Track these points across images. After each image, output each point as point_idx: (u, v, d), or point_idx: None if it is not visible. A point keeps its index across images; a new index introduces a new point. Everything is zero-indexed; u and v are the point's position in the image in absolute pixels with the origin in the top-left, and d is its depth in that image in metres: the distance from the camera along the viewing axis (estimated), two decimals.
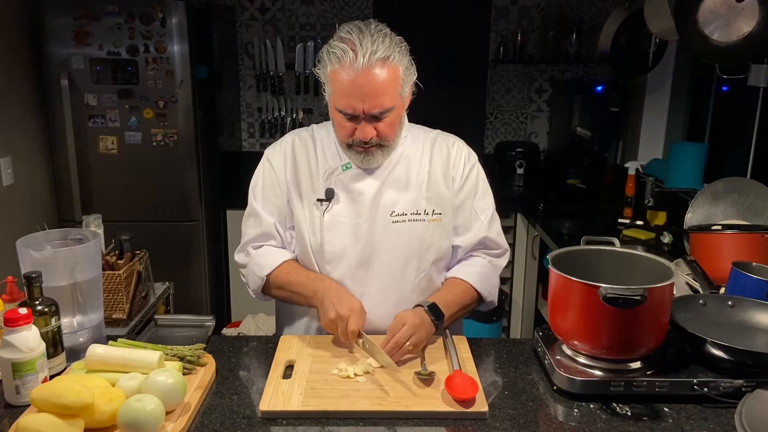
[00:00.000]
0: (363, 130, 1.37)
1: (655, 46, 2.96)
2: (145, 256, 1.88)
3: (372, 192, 1.47)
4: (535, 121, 3.95)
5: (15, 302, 1.37)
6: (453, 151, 1.55)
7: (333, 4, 3.76)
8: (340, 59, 1.33)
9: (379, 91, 1.34)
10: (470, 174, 1.54)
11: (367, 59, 1.31)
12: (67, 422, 1.04)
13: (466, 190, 1.54)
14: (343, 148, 1.46)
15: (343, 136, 1.42)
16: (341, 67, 1.33)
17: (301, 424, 1.15)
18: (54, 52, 2.89)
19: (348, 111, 1.36)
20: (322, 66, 1.39)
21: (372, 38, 1.33)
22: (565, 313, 1.27)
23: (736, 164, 2.79)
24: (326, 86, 1.41)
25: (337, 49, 1.33)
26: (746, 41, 1.96)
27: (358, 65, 1.31)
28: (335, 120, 1.43)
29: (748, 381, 1.20)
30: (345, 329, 1.34)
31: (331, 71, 1.36)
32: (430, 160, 1.52)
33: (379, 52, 1.32)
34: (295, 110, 3.90)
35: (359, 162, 1.45)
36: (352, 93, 1.33)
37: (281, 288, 1.51)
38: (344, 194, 1.48)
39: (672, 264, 1.30)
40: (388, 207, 1.47)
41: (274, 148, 1.57)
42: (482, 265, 1.55)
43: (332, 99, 1.39)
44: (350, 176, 1.48)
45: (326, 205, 1.48)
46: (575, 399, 1.23)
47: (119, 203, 3.07)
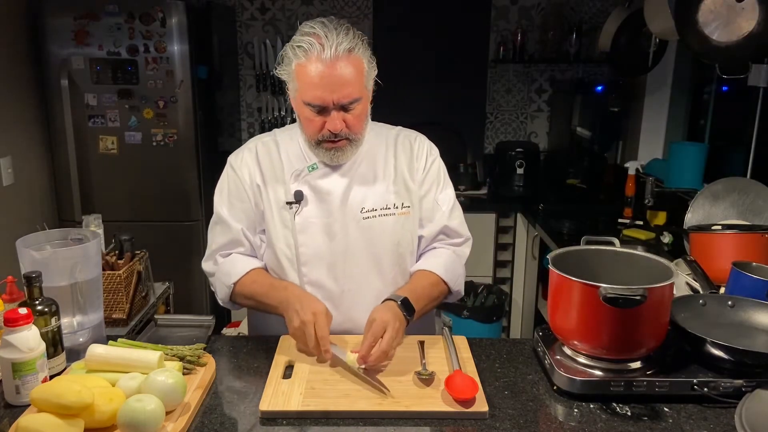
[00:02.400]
0: (333, 122, 1.38)
1: (655, 46, 2.96)
2: (145, 256, 1.88)
3: (340, 190, 1.48)
4: (535, 121, 3.95)
5: (15, 302, 1.37)
6: (416, 145, 1.57)
7: (333, 4, 3.76)
8: (307, 52, 1.34)
9: (347, 81, 1.35)
10: (432, 166, 1.57)
11: (335, 50, 1.33)
12: (67, 422, 1.04)
13: (429, 182, 1.56)
14: (311, 146, 1.46)
15: (311, 131, 1.42)
16: (308, 60, 1.34)
17: (301, 424, 1.15)
18: (54, 52, 2.89)
19: (317, 103, 1.36)
20: (285, 63, 1.40)
21: (336, 31, 1.35)
22: (565, 313, 1.27)
23: (736, 164, 2.79)
24: (291, 83, 1.41)
25: (303, 42, 1.34)
26: (746, 41, 1.96)
27: (326, 56, 1.33)
28: (303, 116, 1.42)
29: (748, 381, 1.20)
30: (312, 335, 1.31)
31: (297, 66, 1.37)
32: (395, 154, 1.54)
33: (344, 44, 1.34)
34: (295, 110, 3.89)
35: (328, 159, 1.45)
36: (321, 84, 1.34)
37: (248, 298, 1.50)
38: (313, 195, 1.48)
39: (672, 264, 1.30)
40: (357, 204, 1.48)
41: (236, 154, 1.56)
42: (447, 256, 1.56)
43: (299, 94, 1.39)
44: (317, 176, 1.49)
45: (296, 208, 1.48)
46: (575, 399, 1.23)
47: (119, 203, 3.07)
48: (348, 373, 1.30)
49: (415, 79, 3.62)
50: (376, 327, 1.31)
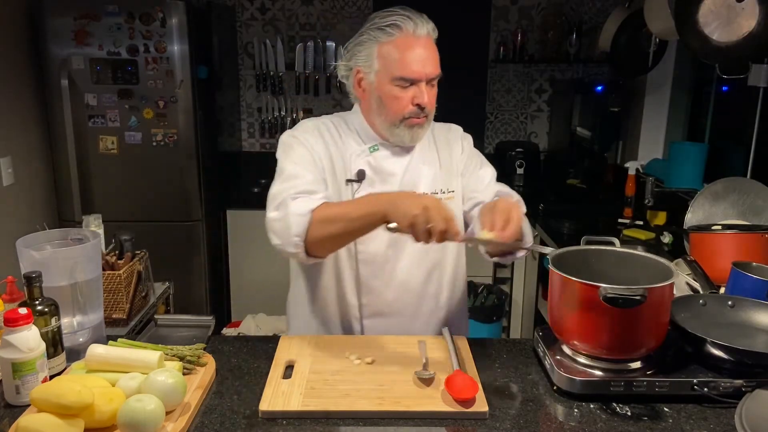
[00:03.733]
0: (423, 94, 1.43)
1: (655, 46, 2.96)
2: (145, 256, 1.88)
3: (400, 172, 1.53)
4: (535, 121, 3.95)
5: (15, 302, 1.37)
6: (451, 133, 1.65)
7: (333, 4, 3.76)
8: (401, 28, 1.41)
9: (434, 57, 1.44)
10: (467, 149, 1.64)
11: (425, 28, 1.43)
12: (67, 422, 1.04)
13: (471, 163, 1.62)
14: (391, 126, 1.48)
15: (397, 109, 1.45)
16: (403, 34, 1.41)
17: (301, 424, 1.15)
18: (54, 52, 2.89)
19: (412, 77, 1.41)
20: (360, 50, 1.45)
21: (417, 13, 1.43)
22: (565, 313, 1.27)
23: (736, 164, 2.79)
24: (368, 68, 1.45)
25: (396, 21, 1.41)
26: (746, 41, 1.96)
27: (419, 32, 1.42)
28: (389, 94, 1.45)
29: (748, 381, 1.20)
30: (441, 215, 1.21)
31: (384, 45, 1.42)
32: (436, 143, 1.60)
33: (430, 25, 1.44)
34: (295, 110, 3.90)
35: (408, 139, 1.49)
36: (416, 58, 1.41)
37: (331, 221, 1.34)
38: (374, 175, 1.52)
39: (672, 264, 1.30)
40: (411, 187, 1.52)
41: (296, 129, 1.55)
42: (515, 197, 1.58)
43: (386, 73, 1.43)
44: (378, 158, 1.52)
45: (357, 186, 1.50)
46: (575, 399, 1.23)
47: (119, 203, 3.07)
48: (348, 373, 1.29)
49: None
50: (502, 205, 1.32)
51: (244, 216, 3.51)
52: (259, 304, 3.51)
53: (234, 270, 3.58)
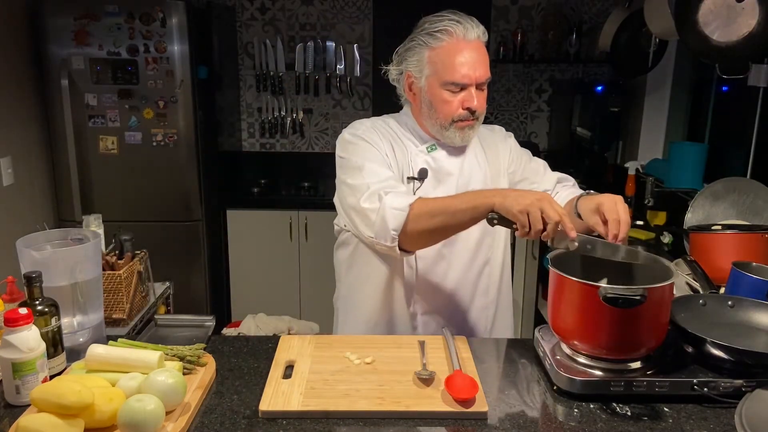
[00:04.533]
0: (473, 98, 1.45)
1: (655, 46, 2.96)
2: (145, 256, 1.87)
3: (456, 173, 1.55)
4: (535, 121, 3.95)
5: (15, 302, 1.37)
6: (495, 134, 1.68)
7: (333, 4, 3.76)
8: (451, 34, 1.43)
9: (485, 61, 1.46)
10: (515, 145, 1.70)
11: (475, 32, 1.45)
12: (67, 422, 1.04)
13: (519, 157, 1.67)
14: (442, 129, 1.50)
15: (447, 112, 1.47)
16: (452, 39, 1.43)
17: (301, 424, 1.15)
18: (54, 52, 2.89)
19: (463, 81, 1.43)
20: (410, 56, 1.48)
21: (467, 18, 1.45)
22: (565, 313, 1.27)
23: (736, 164, 2.79)
24: (418, 73, 1.47)
25: (447, 27, 1.43)
26: (746, 41, 1.96)
27: (469, 36, 1.44)
28: (439, 99, 1.47)
29: (748, 381, 1.20)
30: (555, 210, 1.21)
31: (434, 50, 1.44)
32: (482, 144, 1.62)
33: (480, 28, 1.46)
34: (295, 110, 3.90)
35: (459, 140, 1.51)
36: (467, 63, 1.43)
37: (430, 215, 1.34)
38: (433, 174, 1.54)
39: (672, 264, 1.30)
40: (464, 187, 1.54)
41: (356, 127, 1.54)
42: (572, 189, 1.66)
43: (436, 78, 1.45)
44: (437, 158, 1.55)
45: (418, 184, 1.52)
46: (575, 399, 1.23)
47: (119, 203, 3.07)
48: (348, 373, 1.29)
49: None
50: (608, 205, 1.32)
51: (244, 216, 3.52)
52: (259, 304, 3.51)
53: (234, 270, 3.58)
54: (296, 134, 3.93)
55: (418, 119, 1.57)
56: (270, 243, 3.52)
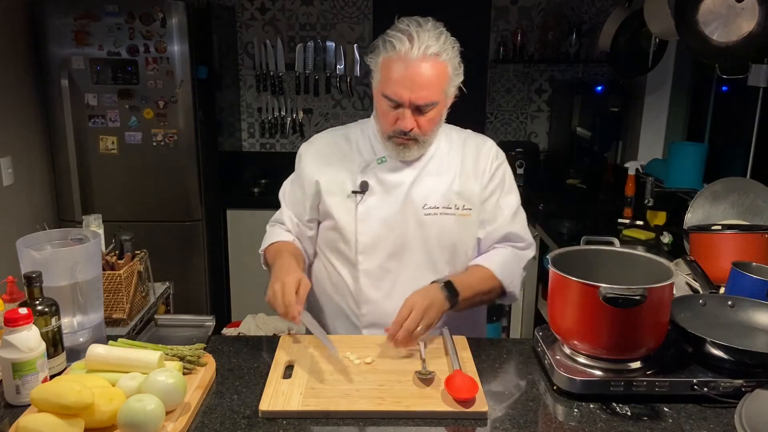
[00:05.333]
0: (405, 120, 1.42)
1: (655, 46, 2.96)
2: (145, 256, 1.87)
3: (406, 185, 1.52)
4: (535, 121, 3.95)
5: (15, 302, 1.37)
6: (483, 149, 1.59)
7: (333, 4, 3.76)
8: (395, 48, 1.38)
9: (427, 84, 1.39)
10: (497, 170, 1.59)
11: (421, 52, 1.37)
12: (67, 422, 1.04)
13: (493, 185, 1.57)
14: (383, 139, 1.49)
15: (385, 124, 1.46)
16: (396, 55, 1.38)
17: (301, 424, 1.15)
18: (54, 52, 2.89)
19: (394, 98, 1.40)
20: (374, 54, 1.45)
21: (428, 33, 1.39)
22: (565, 313, 1.27)
23: (736, 164, 2.78)
24: (375, 74, 1.46)
25: (394, 38, 1.39)
26: (746, 41, 1.96)
27: (411, 56, 1.37)
28: (380, 108, 1.46)
29: (748, 381, 1.20)
30: (280, 303, 1.36)
31: (384, 59, 1.41)
32: (462, 156, 1.57)
33: (432, 47, 1.38)
34: (295, 110, 3.90)
35: (395, 154, 1.49)
36: (401, 81, 1.38)
37: (266, 263, 1.62)
38: (379, 186, 1.52)
39: (672, 264, 1.30)
40: (421, 200, 1.51)
41: (307, 144, 1.63)
42: (505, 255, 1.58)
43: (380, 86, 1.43)
44: (385, 169, 1.53)
45: (360, 197, 1.51)
46: (575, 399, 1.23)
47: (119, 203, 3.07)
48: (348, 373, 1.29)
49: None
50: (402, 308, 1.35)
51: (244, 216, 3.51)
52: (259, 304, 3.48)
53: (234, 270, 3.58)
54: (296, 134, 3.93)
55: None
56: None
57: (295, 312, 1.34)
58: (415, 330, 1.33)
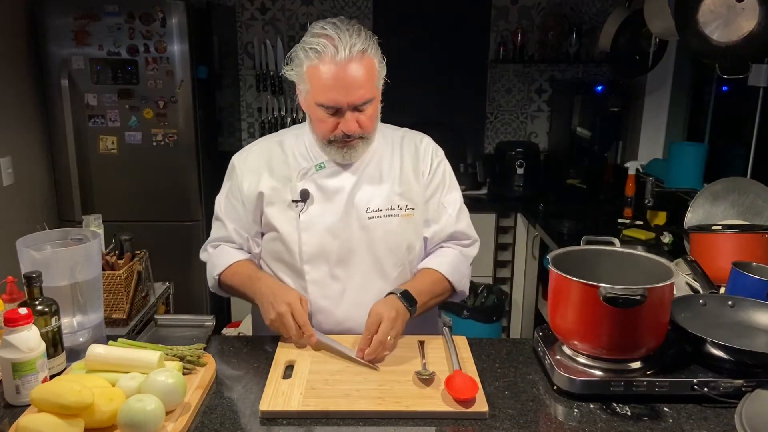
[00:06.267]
0: (347, 123, 1.39)
1: (655, 46, 2.96)
2: (145, 256, 1.88)
3: (347, 190, 1.49)
4: (535, 121, 3.95)
5: (15, 302, 1.37)
6: (421, 147, 1.58)
7: (333, 4, 3.76)
8: (320, 54, 1.34)
9: (361, 83, 1.36)
10: (438, 168, 1.57)
11: (348, 52, 1.34)
12: (67, 422, 1.04)
13: (435, 184, 1.56)
14: (322, 145, 1.46)
15: (324, 132, 1.42)
16: (321, 61, 1.34)
17: (301, 424, 1.15)
18: (54, 52, 2.89)
19: (331, 104, 1.37)
20: (296, 64, 1.40)
21: (348, 32, 1.36)
22: (565, 313, 1.27)
23: (736, 164, 2.79)
24: (302, 84, 1.41)
25: (316, 44, 1.35)
26: (746, 41, 1.96)
27: (339, 58, 1.33)
28: (315, 117, 1.42)
29: (748, 381, 1.20)
30: (292, 325, 1.35)
31: (309, 68, 1.37)
32: (401, 156, 1.55)
33: (357, 45, 1.35)
34: (295, 110, 3.89)
35: (340, 158, 1.46)
36: (335, 86, 1.35)
37: (231, 289, 1.56)
38: (319, 194, 1.49)
39: (672, 264, 1.30)
40: (363, 204, 1.49)
41: (241, 155, 1.59)
42: (453, 256, 1.57)
43: (311, 95, 1.39)
44: (324, 175, 1.49)
45: (301, 206, 1.48)
46: (575, 399, 1.23)
47: (119, 203, 3.06)
48: (348, 373, 1.29)
49: (415, 79, 3.61)
50: (370, 321, 1.35)
51: None
52: None
53: None
54: None
55: None
56: None
57: (311, 331, 1.36)
58: (387, 341, 1.33)
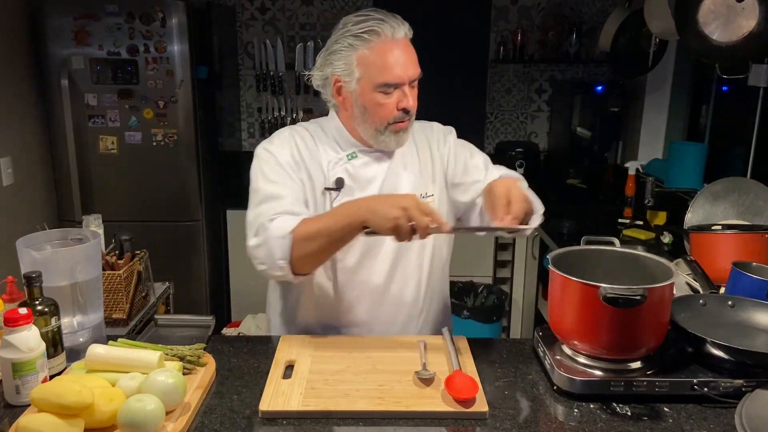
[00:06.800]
0: (408, 98, 1.42)
1: (655, 46, 2.96)
2: (145, 256, 1.88)
3: (379, 179, 1.51)
4: (535, 121, 3.95)
5: (15, 302, 1.37)
6: (432, 131, 1.62)
7: (333, 4, 3.76)
8: (379, 34, 1.38)
9: (414, 58, 1.43)
10: (455, 143, 1.62)
11: (402, 30, 1.41)
12: (67, 422, 1.04)
13: (462, 154, 1.60)
14: (377, 133, 1.46)
15: (385, 114, 1.43)
16: (381, 39, 1.38)
17: (301, 424, 1.15)
18: (54, 52, 2.89)
19: (395, 81, 1.40)
20: (337, 59, 1.42)
21: (389, 15, 1.41)
22: (565, 313, 1.27)
23: (736, 164, 2.79)
24: (348, 77, 1.42)
25: (371, 25, 1.38)
26: (746, 41, 1.96)
27: (398, 35, 1.40)
28: (372, 102, 1.42)
29: (748, 381, 1.20)
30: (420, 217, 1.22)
31: (364, 52, 1.39)
32: (416, 145, 1.58)
33: (404, 26, 1.42)
34: (295, 110, 3.90)
35: (394, 143, 1.48)
36: (397, 63, 1.39)
37: (313, 238, 1.33)
38: (353, 183, 1.50)
39: (672, 264, 1.30)
40: (392, 191, 1.51)
41: (272, 141, 1.51)
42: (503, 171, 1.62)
43: (367, 80, 1.41)
44: (356, 165, 1.51)
45: (335, 195, 1.49)
46: (575, 399, 1.23)
47: (119, 203, 3.07)
48: (348, 373, 1.29)
49: None
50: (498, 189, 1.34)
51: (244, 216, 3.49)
52: (259, 304, 3.48)
53: (234, 270, 3.57)
54: None
55: (347, 124, 1.50)
56: None
57: (442, 219, 1.25)
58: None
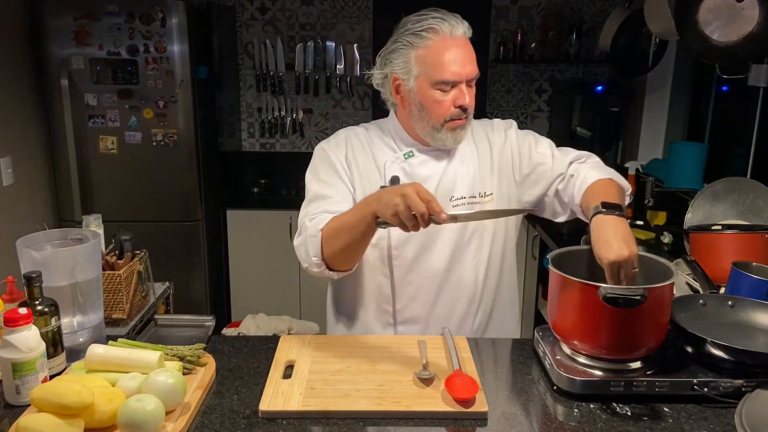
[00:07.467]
0: (464, 95, 1.42)
1: (655, 46, 2.96)
2: (145, 256, 1.87)
3: (435, 178, 1.51)
4: (535, 121, 3.95)
5: (15, 302, 1.37)
6: (493, 128, 1.62)
7: (333, 4, 3.76)
8: (438, 31, 1.40)
9: (473, 57, 1.44)
10: (516, 135, 1.60)
11: (461, 29, 1.42)
12: (67, 422, 1.04)
13: (525, 144, 1.59)
14: (434, 131, 1.47)
15: (441, 112, 1.44)
16: (440, 37, 1.40)
17: (301, 424, 1.15)
18: (54, 52, 2.90)
19: (454, 79, 1.41)
20: (396, 57, 1.44)
21: (449, 15, 1.42)
22: (565, 313, 1.27)
23: (736, 164, 2.79)
24: (406, 74, 1.44)
25: (428, 26, 1.40)
26: (746, 41, 1.96)
27: (456, 33, 1.41)
28: (430, 99, 1.44)
29: (748, 381, 1.20)
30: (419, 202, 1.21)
31: (422, 50, 1.41)
32: (475, 143, 1.58)
33: (464, 24, 1.43)
34: (295, 110, 3.90)
35: (452, 140, 1.48)
36: (455, 60, 1.40)
37: (337, 234, 1.37)
38: (408, 181, 1.50)
39: (672, 264, 1.30)
40: (447, 192, 1.51)
41: (329, 141, 1.57)
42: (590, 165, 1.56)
43: (426, 78, 1.42)
44: (413, 164, 1.52)
45: None
46: (575, 399, 1.23)
47: (119, 203, 3.07)
48: (348, 373, 1.29)
49: None
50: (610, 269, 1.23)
51: (244, 216, 3.52)
52: (259, 304, 3.51)
53: (234, 270, 3.58)
54: (296, 134, 3.93)
55: (405, 123, 1.53)
56: (270, 243, 3.52)
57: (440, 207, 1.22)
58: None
